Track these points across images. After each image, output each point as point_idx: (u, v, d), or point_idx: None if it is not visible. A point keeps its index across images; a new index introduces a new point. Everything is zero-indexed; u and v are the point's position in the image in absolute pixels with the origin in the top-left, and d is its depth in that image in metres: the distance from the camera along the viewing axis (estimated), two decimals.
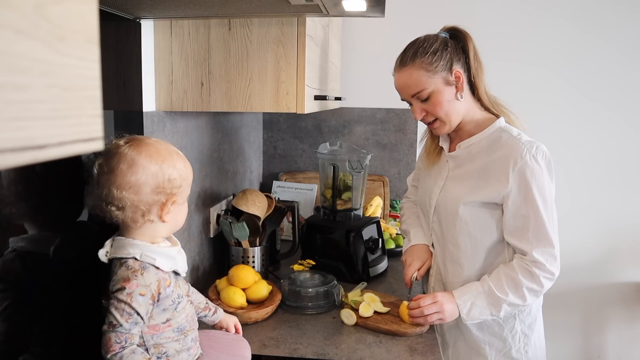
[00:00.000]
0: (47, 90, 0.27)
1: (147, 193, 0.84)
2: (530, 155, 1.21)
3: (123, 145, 0.85)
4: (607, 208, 2.31)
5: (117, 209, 0.84)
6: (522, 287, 1.22)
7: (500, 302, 1.23)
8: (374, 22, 2.23)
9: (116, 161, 0.83)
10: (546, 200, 1.22)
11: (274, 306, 1.39)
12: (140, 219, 0.86)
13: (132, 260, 0.86)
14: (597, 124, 2.26)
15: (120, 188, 0.83)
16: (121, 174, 0.83)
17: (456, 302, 1.26)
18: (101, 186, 0.84)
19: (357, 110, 2.33)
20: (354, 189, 1.77)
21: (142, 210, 0.85)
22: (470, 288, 1.27)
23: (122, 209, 0.84)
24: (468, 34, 1.29)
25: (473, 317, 1.25)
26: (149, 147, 0.86)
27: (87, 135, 0.30)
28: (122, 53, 1.14)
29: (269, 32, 1.22)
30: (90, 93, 0.30)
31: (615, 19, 2.18)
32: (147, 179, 0.84)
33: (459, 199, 1.29)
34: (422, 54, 1.24)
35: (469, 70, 1.28)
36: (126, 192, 0.83)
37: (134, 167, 0.83)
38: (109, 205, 0.84)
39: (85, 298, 0.98)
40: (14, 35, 0.24)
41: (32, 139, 0.26)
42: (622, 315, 2.38)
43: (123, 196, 0.83)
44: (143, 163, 0.84)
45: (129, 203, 0.84)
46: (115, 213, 0.85)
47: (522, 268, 1.23)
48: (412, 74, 1.25)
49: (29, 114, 0.25)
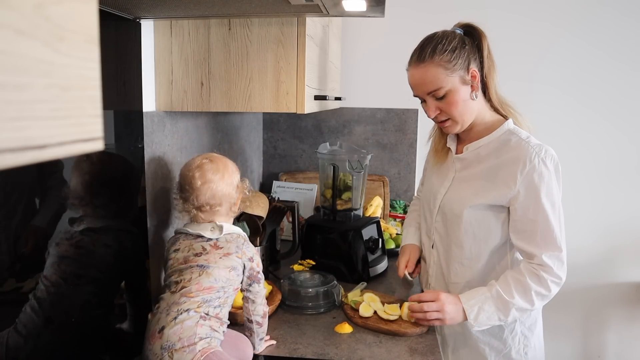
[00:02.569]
0: (47, 90, 0.27)
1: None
2: (539, 159, 1.19)
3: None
4: (607, 208, 2.31)
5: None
6: (531, 290, 1.20)
7: (509, 307, 1.20)
8: (374, 22, 2.23)
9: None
10: (554, 204, 1.20)
11: (274, 306, 1.39)
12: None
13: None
14: (598, 124, 2.26)
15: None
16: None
17: (462, 306, 1.23)
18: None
19: (357, 110, 2.33)
20: (354, 189, 1.77)
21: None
22: (477, 292, 1.24)
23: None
24: (483, 32, 1.27)
25: (481, 322, 1.22)
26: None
27: (87, 135, 0.30)
28: (122, 53, 1.14)
29: (269, 32, 1.22)
30: (90, 93, 0.30)
31: (619, 18, 2.18)
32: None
33: (465, 200, 1.28)
34: (441, 51, 1.21)
35: (482, 69, 1.26)
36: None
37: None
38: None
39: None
40: (14, 35, 0.24)
41: (32, 139, 0.26)
42: (622, 315, 2.38)
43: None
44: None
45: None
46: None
47: (530, 272, 1.21)
48: (430, 71, 1.21)
49: (29, 114, 0.25)
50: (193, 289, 1.03)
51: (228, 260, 1.09)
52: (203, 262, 1.07)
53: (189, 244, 1.11)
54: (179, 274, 1.07)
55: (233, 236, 1.13)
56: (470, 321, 1.22)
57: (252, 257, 1.14)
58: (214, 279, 1.05)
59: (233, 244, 1.11)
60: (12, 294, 0.83)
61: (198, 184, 1.11)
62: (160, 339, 0.97)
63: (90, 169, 1.02)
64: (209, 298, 1.03)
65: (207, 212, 1.13)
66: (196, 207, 1.13)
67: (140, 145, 1.20)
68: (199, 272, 1.05)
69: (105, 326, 1.10)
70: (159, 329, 0.99)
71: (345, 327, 1.31)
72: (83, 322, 1.00)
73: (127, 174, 1.19)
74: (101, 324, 1.08)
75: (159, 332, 0.98)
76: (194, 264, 1.06)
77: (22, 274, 0.85)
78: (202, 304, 1.02)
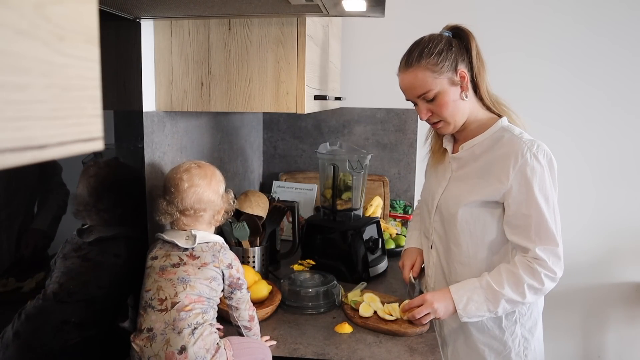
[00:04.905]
0: (47, 90, 0.27)
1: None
2: (531, 153, 1.20)
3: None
4: (607, 208, 2.31)
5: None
6: (523, 283, 1.20)
7: (499, 298, 1.21)
8: (374, 22, 2.23)
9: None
10: (548, 198, 1.21)
11: (274, 306, 1.39)
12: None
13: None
14: (597, 124, 2.26)
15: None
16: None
17: (452, 297, 1.25)
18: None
19: (357, 110, 2.33)
20: (354, 189, 1.76)
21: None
22: (467, 283, 1.26)
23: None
24: (471, 32, 1.29)
25: (470, 312, 1.23)
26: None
27: (87, 135, 0.30)
28: (122, 53, 1.14)
29: (269, 32, 1.22)
30: (90, 93, 0.30)
31: (617, 14, 2.18)
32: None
33: (460, 199, 1.29)
34: (427, 54, 1.23)
35: (471, 70, 1.28)
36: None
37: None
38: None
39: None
40: (14, 35, 0.24)
41: (32, 139, 0.26)
42: (622, 315, 2.37)
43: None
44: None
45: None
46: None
47: (523, 264, 1.22)
48: (418, 75, 1.24)
49: (29, 114, 0.25)
50: (185, 301, 1.01)
51: (206, 271, 1.06)
52: (183, 274, 1.04)
53: (165, 252, 1.09)
54: (159, 290, 1.03)
55: (209, 245, 1.10)
56: (459, 311, 1.24)
57: (230, 263, 1.11)
58: (198, 291, 1.04)
59: (209, 253, 1.09)
60: (12, 294, 0.83)
61: (185, 186, 1.10)
62: (187, 358, 0.97)
63: (96, 173, 1.02)
64: (204, 308, 1.04)
65: (190, 216, 1.11)
66: (180, 211, 1.10)
67: (140, 146, 1.20)
68: (183, 286, 1.03)
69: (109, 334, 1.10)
70: (178, 350, 0.97)
71: (345, 327, 1.31)
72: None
73: (132, 180, 1.19)
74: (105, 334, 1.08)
75: (180, 352, 0.97)
76: (174, 276, 1.04)
77: (22, 275, 0.85)
78: (203, 313, 1.03)
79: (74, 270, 0.96)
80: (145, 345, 1.00)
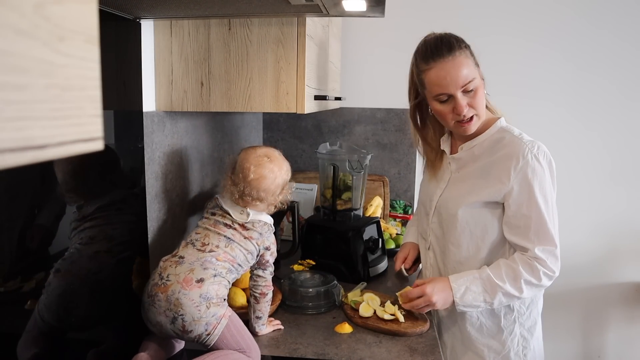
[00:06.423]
0: (47, 90, 0.27)
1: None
2: (532, 154, 1.21)
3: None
4: (607, 208, 2.31)
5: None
6: (521, 278, 1.22)
7: (496, 290, 1.22)
8: (374, 22, 2.23)
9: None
10: (547, 199, 1.22)
11: (274, 306, 1.38)
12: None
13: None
14: (597, 124, 2.26)
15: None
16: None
17: (450, 286, 1.25)
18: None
19: (357, 110, 2.33)
20: (354, 189, 1.76)
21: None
22: (467, 273, 1.27)
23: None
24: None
25: (466, 302, 1.24)
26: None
27: (87, 135, 0.30)
28: (122, 53, 1.14)
29: (269, 32, 1.22)
30: (90, 93, 0.30)
31: (616, 16, 2.18)
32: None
33: (460, 199, 1.29)
34: (463, 44, 1.21)
35: None
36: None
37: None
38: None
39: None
40: (14, 35, 0.24)
41: (32, 139, 0.26)
42: (622, 315, 2.37)
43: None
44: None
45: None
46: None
47: (523, 261, 1.23)
48: (464, 61, 1.19)
49: (29, 114, 0.25)
50: (221, 254, 1.13)
51: (249, 244, 1.18)
52: (230, 235, 1.17)
53: (222, 213, 1.21)
54: (206, 236, 1.16)
55: (260, 223, 1.21)
56: (456, 300, 1.24)
57: (269, 246, 1.22)
58: (235, 254, 1.15)
59: (257, 231, 1.20)
60: (13, 294, 0.84)
61: (251, 177, 1.19)
62: (200, 289, 1.06)
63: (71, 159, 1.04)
64: (231, 268, 1.14)
65: (247, 202, 1.21)
66: (240, 193, 1.21)
67: (140, 145, 1.20)
68: (226, 243, 1.16)
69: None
70: (197, 279, 1.07)
71: (345, 327, 1.31)
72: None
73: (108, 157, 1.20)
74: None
75: (198, 281, 1.06)
76: (222, 233, 1.17)
77: (28, 270, 0.86)
78: (228, 272, 1.13)
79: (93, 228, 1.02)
80: (170, 266, 1.10)
